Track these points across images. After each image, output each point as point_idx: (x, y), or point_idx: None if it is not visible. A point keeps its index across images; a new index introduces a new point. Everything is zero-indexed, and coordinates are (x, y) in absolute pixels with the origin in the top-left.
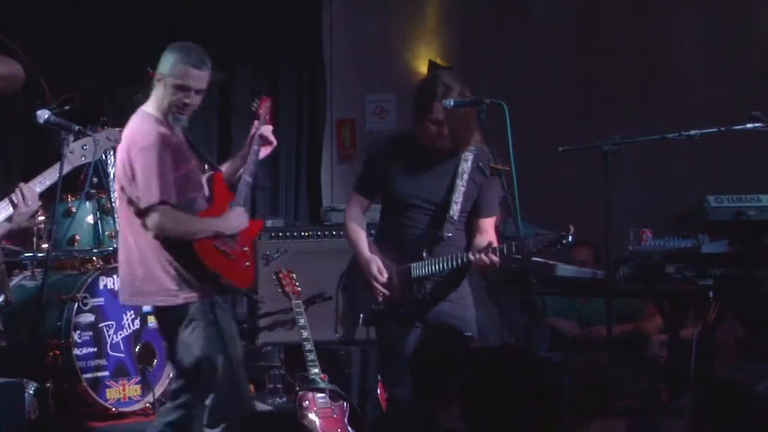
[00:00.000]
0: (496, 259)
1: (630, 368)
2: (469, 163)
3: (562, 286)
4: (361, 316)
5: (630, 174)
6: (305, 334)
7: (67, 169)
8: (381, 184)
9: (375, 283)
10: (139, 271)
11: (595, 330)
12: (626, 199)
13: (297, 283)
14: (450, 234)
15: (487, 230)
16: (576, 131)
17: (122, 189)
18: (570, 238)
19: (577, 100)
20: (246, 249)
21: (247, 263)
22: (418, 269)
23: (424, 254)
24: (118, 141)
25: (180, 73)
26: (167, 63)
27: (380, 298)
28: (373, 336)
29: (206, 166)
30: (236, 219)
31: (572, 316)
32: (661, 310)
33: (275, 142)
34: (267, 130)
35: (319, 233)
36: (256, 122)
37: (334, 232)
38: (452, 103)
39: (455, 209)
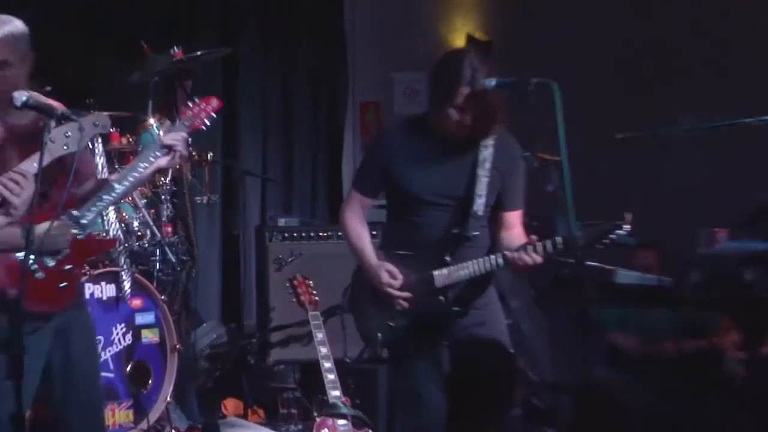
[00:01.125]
0: (538, 258)
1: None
2: (491, 150)
3: (622, 294)
4: (379, 335)
5: (699, 165)
6: (324, 350)
7: (46, 159)
8: (386, 180)
9: (390, 291)
10: None
11: (661, 346)
12: (696, 194)
13: (314, 292)
14: (476, 233)
15: (515, 225)
16: (636, 116)
17: None
18: (626, 227)
19: (638, 81)
20: (70, 268)
21: (64, 284)
22: (443, 277)
23: (447, 258)
24: (106, 127)
25: None
26: None
27: (400, 308)
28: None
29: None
30: (49, 237)
31: (634, 330)
32: (739, 322)
33: (181, 154)
34: (176, 137)
35: (339, 233)
36: (167, 123)
37: None
38: (494, 83)
39: (479, 203)
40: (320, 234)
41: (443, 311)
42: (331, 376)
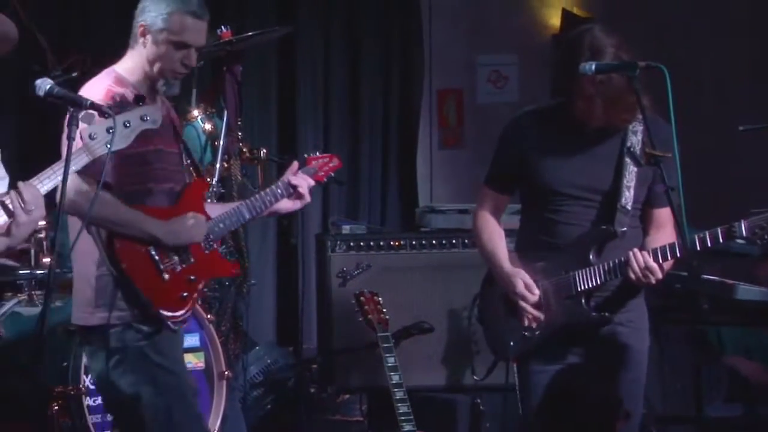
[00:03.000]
0: (653, 265)
1: None
2: (640, 137)
3: (744, 313)
4: (511, 344)
5: None
6: (396, 377)
7: (84, 160)
8: (522, 173)
9: (524, 305)
10: (79, 277)
11: None
12: None
13: (384, 310)
14: (624, 228)
15: (665, 225)
16: (763, 105)
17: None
18: None
19: (761, 63)
20: (193, 279)
21: (185, 294)
22: (585, 278)
23: (591, 257)
24: (157, 122)
25: (177, 25)
26: (154, 11)
27: (532, 324)
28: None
29: (190, 167)
30: (186, 229)
31: (759, 355)
32: None
33: (305, 201)
34: (305, 181)
35: (413, 242)
36: (295, 164)
37: (434, 241)
38: (593, 68)
39: (628, 196)
40: (391, 243)
41: (584, 319)
42: (404, 408)
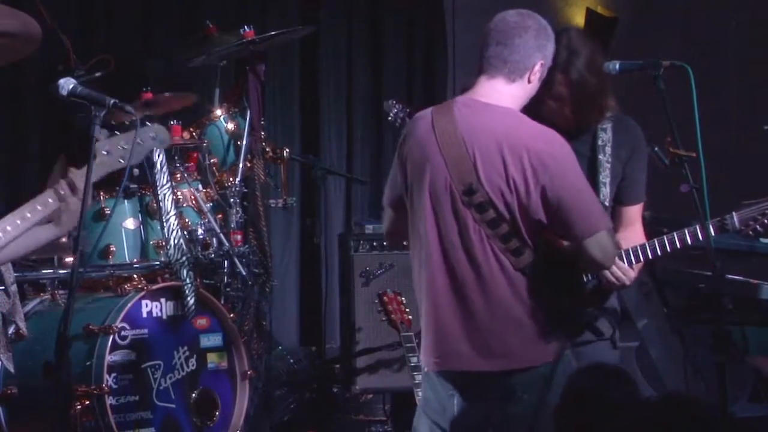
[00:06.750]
0: (625, 267)
1: None
2: (609, 134)
3: None
4: None
5: None
6: (419, 377)
7: (101, 172)
8: None
9: None
10: (508, 323)
11: None
12: None
13: (407, 309)
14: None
15: (634, 222)
16: None
17: (494, 219)
18: None
19: None
20: None
21: None
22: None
23: None
24: (165, 142)
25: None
26: (550, 50)
27: None
28: None
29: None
30: None
31: None
32: None
33: None
34: None
35: None
36: None
37: None
38: (617, 66)
39: (605, 192)
40: None
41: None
42: None
